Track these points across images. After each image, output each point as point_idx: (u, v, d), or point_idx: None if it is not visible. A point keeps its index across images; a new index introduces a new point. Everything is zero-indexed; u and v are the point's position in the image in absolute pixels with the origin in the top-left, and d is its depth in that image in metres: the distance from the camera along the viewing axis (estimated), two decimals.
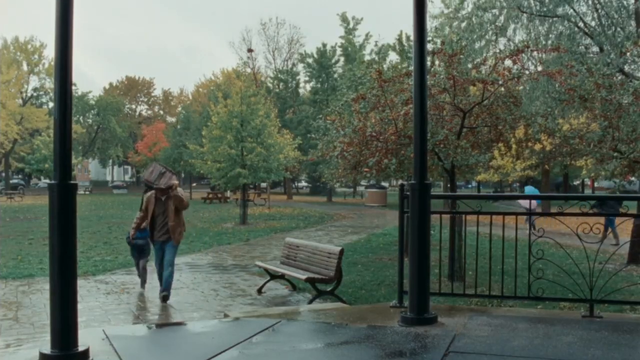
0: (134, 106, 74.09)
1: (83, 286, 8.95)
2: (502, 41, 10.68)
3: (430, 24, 11.05)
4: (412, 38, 4.86)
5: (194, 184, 56.89)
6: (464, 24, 10.66)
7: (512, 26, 10.42)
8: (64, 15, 3.45)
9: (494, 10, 10.41)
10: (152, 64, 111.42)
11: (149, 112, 74.90)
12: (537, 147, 12.49)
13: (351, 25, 42.50)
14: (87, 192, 51.40)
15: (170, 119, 71.41)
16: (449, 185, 10.84)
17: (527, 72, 9.78)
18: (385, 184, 40.17)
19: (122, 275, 10.24)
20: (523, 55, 9.52)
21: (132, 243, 8.69)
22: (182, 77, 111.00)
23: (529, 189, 20.87)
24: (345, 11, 48.38)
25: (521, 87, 10.00)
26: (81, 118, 63.62)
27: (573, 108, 10.06)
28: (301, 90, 49.61)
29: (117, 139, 65.01)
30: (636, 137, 9.58)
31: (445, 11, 11.15)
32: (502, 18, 10.37)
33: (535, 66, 10.25)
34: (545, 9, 10.09)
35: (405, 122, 9.43)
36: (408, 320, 4.47)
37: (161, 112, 75.60)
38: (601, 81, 9.11)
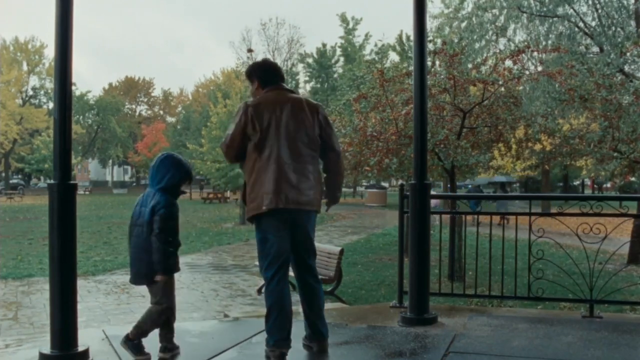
0: (133, 106, 74.08)
1: (83, 286, 8.95)
2: (502, 41, 10.70)
3: (430, 24, 11.06)
4: (412, 38, 4.86)
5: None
6: (464, 24, 10.67)
7: (512, 26, 10.43)
8: (63, 15, 3.45)
9: (494, 10, 10.42)
10: (151, 64, 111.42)
11: (149, 112, 74.89)
12: (537, 147, 12.50)
13: (351, 26, 42.57)
14: (87, 192, 51.37)
15: (170, 119, 71.45)
16: (449, 185, 10.84)
17: (527, 72, 9.78)
18: (385, 184, 40.17)
19: (122, 275, 10.24)
20: (523, 55, 9.53)
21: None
22: (182, 77, 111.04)
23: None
24: (345, 11, 48.43)
25: (521, 88, 10.01)
26: (81, 118, 63.60)
27: (573, 108, 10.07)
28: (301, 90, 49.59)
29: (117, 139, 64.99)
30: (636, 137, 9.59)
31: (445, 11, 11.16)
32: (502, 18, 10.38)
33: (536, 66, 10.26)
34: (545, 9, 10.10)
35: (405, 122, 9.44)
36: (408, 320, 4.47)
37: (161, 112, 75.60)
38: (601, 81, 9.12)
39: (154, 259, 3.50)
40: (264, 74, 3.67)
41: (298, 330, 3.61)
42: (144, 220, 3.50)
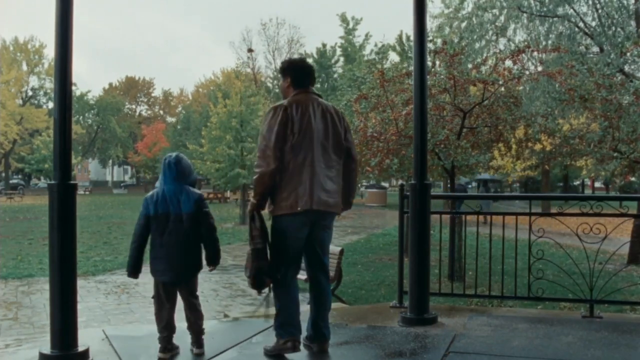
0: (133, 106, 74.03)
1: (83, 286, 8.95)
2: (502, 41, 10.70)
3: (430, 24, 11.06)
4: (412, 38, 4.85)
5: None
6: (464, 24, 10.67)
7: (512, 26, 10.43)
8: (63, 15, 3.45)
9: (494, 10, 10.42)
10: (151, 64, 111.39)
11: (149, 112, 74.84)
12: (537, 147, 12.50)
13: (351, 26, 42.51)
14: (87, 192, 51.38)
15: (170, 119, 71.40)
16: (449, 185, 10.84)
17: (527, 72, 9.79)
18: (385, 184, 40.16)
19: (122, 275, 10.24)
20: (523, 55, 9.53)
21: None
22: (182, 77, 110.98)
23: None
24: (345, 11, 48.38)
25: (521, 87, 10.01)
26: (81, 118, 63.57)
27: (573, 108, 10.07)
28: None
29: (117, 139, 64.95)
30: (636, 137, 9.59)
31: (446, 11, 11.17)
32: (502, 18, 10.38)
33: (536, 66, 10.26)
34: (545, 9, 10.10)
35: (406, 122, 9.44)
36: (408, 320, 4.47)
37: (161, 112, 75.55)
38: (601, 81, 9.12)
39: (209, 252, 3.59)
40: (299, 74, 3.67)
41: None
42: (186, 212, 3.49)
